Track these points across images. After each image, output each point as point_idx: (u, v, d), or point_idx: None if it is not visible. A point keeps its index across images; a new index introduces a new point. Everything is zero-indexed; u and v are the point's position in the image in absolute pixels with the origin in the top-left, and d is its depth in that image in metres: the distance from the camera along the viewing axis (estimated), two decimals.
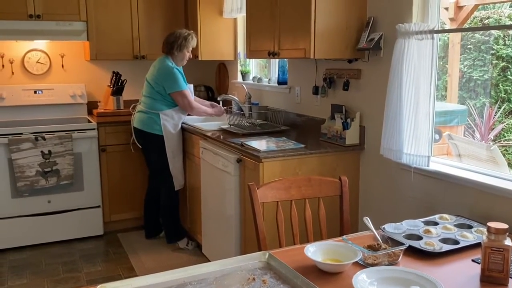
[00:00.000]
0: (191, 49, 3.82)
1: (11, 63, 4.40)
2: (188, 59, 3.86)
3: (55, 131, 3.96)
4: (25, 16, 4.05)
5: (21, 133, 3.87)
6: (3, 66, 4.39)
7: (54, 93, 4.48)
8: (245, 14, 3.64)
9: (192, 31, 3.83)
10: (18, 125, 4.01)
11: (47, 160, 3.90)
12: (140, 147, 3.95)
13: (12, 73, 4.42)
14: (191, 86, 4.02)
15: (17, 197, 3.92)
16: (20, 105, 4.36)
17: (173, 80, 3.68)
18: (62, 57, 4.60)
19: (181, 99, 3.72)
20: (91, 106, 4.68)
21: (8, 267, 3.67)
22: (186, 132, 3.92)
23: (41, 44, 4.49)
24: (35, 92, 4.41)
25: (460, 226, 1.95)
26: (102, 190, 4.24)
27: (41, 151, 3.87)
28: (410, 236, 1.83)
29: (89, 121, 4.25)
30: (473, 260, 1.66)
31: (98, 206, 4.24)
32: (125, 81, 4.64)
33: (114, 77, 4.58)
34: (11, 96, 4.31)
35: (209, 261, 2.82)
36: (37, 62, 4.50)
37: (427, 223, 1.99)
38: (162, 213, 4.03)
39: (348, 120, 3.01)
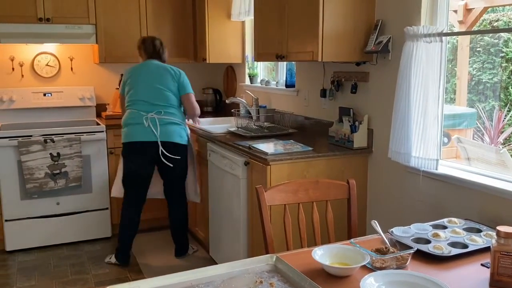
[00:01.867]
0: None
1: (21, 66, 4.44)
2: None
3: (64, 134, 3.99)
4: (35, 20, 4.08)
5: (31, 135, 3.90)
6: (13, 69, 4.42)
7: (63, 96, 4.51)
8: (253, 17, 3.64)
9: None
10: (27, 127, 4.04)
11: (56, 162, 3.92)
12: (171, 165, 3.53)
13: (22, 76, 4.46)
14: None
15: (26, 199, 3.94)
16: (29, 108, 4.39)
17: (188, 81, 3.62)
18: (71, 60, 4.63)
19: (193, 101, 3.60)
20: (100, 108, 4.70)
21: (16, 269, 3.70)
22: (193, 134, 3.93)
23: (50, 47, 4.53)
24: (44, 94, 4.44)
25: (469, 230, 1.94)
26: (110, 192, 4.26)
27: (50, 153, 3.90)
28: (419, 240, 1.82)
29: (98, 124, 4.27)
30: (482, 265, 1.65)
31: (106, 208, 4.26)
32: None
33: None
34: (21, 99, 4.35)
35: (217, 263, 2.82)
36: (47, 65, 4.54)
37: (435, 226, 1.97)
38: (179, 229, 3.80)
39: (356, 123, 3.00)
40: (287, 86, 3.87)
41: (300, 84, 3.72)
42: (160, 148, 3.47)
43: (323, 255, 1.61)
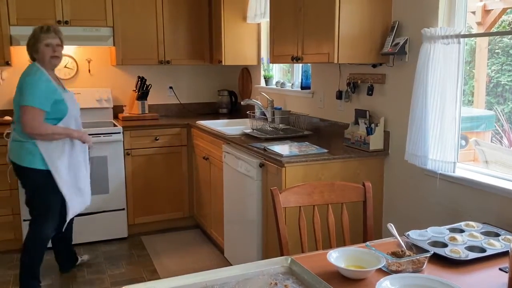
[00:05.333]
0: (50, 42, 3.13)
1: None
2: (54, 55, 3.16)
3: None
4: (54, 22, 4.14)
5: None
6: None
7: (80, 97, 4.55)
8: (268, 19, 3.65)
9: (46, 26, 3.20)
10: None
11: None
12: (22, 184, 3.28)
13: None
14: (71, 93, 3.34)
15: None
16: None
17: (29, 89, 3.01)
18: (89, 62, 4.69)
19: (27, 117, 2.98)
20: (117, 110, 4.75)
21: None
22: (208, 135, 3.94)
23: (68, 49, 4.58)
24: None
25: (486, 233, 1.91)
26: (126, 193, 4.30)
27: None
28: (435, 244, 1.80)
29: (115, 125, 4.32)
30: (500, 269, 1.62)
31: (123, 209, 4.29)
32: (150, 85, 4.70)
33: (139, 82, 4.65)
34: None
35: (231, 265, 2.83)
36: (65, 67, 4.60)
37: (452, 230, 1.95)
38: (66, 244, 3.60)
39: (372, 125, 2.98)
40: (302, 88, 3.86)
41: (316, 86, 3.71)
42: (10, 166, 3.22)
43: (338, 257, 1.60)
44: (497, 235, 1.90)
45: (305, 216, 2.11)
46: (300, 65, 3.95)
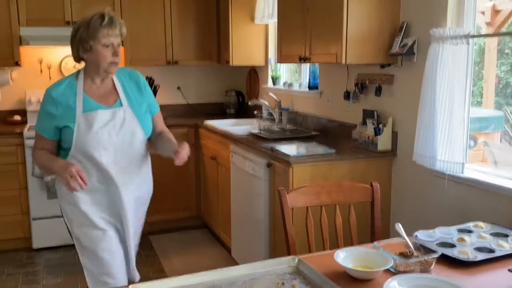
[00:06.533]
0: (111, 41, 2.12)
1: (49, 68, 4.54)
2: (114, 61, 2.14)
3: None
4: (63, 23, 4.17)
5: None
6: (41, 71, 4.52)
7: None
8: (276, 20, 3.65)
9: (102, 11, 2.21)
10: None
11: None
12: None
13: (50, 77, 4.56)
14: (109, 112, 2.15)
15: (52, 198, 4.01)
16: None
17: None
18: None
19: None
20: None
21: (43, 266, 3.77)
22: (216, 135, 3.95)
23: None
24: None
25: (495, 234, 1.90)
26: None
27: None
28: (443, 244, 1.79)
29: None
30: (509, 270, 1.61)
31: None
32: (158, 86, 4.72)
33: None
34: None
35: (238, 264, 2.83)
36: (74, 67, 4.62)
37: (461, 231, 1.94)
38: None
39: (380, 125, 2.97)
40: (310, 88, 3.86)
41: (323, 86, 3.71)
42: None
43: (345, 257, 1.60)
44: (506, 236, 1.89)
45: (313, 216, 2.11)
46: (308, 65, 3.95)
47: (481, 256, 1.68)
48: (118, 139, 2.13)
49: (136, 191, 2.27)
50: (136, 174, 2.26)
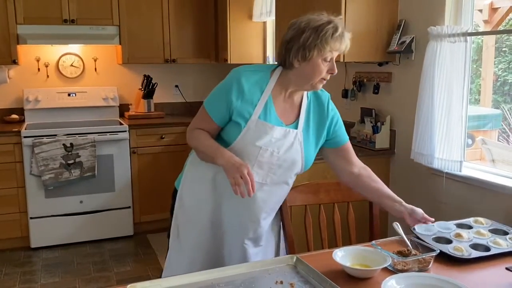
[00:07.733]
0: (333, 56, 1.90)
1: (46, 66, 4.53)
2: (325, 79, 1.98)
3: (88, 133, 4.04)
4: (60, 21, 4.16)
5: (55, 135, 3.96)
6: (38, 69, 4.51)
7: (87, 96, 4.59)
8: (274, 18, 3.64)
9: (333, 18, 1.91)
10: (51, 127, 4.10)
11: (70, 153, 3.97)
12: None
13: (47, 76, 4.55)
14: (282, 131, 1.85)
15: (50, 197, 4.02)
16: (54, 108, 4.47)
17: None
18: (95, 60, 4.70)
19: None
20: (123, 108, 4.76)
21: (41, 265, 3.77)
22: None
23: (75, 48, 4.60)
24: (68, 94, 4.52)
25: (495, 231, 1.88)
26: (132, 191, 4.31)
27: (63, 144, 3.94)
28: (440, 239, 1.78)
29: (121, 124, 4.33)
30: (507, 268, 1.61)
31: (129, 207, 4.31)
32: (155, 84, 4.71)
33: (145, 81, 4.66)
34: (46, 99, 4.43)
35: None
36: (71, 65, 4.62)
37: (460, 226, 1.92)
38: None
39: (378, 124, 2.97)
40: None
41: None
42: None
43: (344, 256, 1.60)
44: (506, 233, 1.87)
45: (311, 214, 2.11)
46: None
47: (475, 254, 1.67)
48: (277, 163, 1.82)
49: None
50: (271, 208, 1.94)
